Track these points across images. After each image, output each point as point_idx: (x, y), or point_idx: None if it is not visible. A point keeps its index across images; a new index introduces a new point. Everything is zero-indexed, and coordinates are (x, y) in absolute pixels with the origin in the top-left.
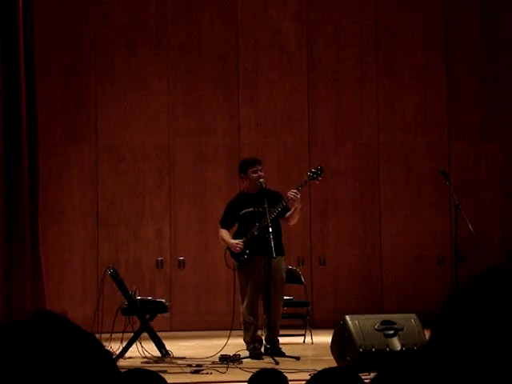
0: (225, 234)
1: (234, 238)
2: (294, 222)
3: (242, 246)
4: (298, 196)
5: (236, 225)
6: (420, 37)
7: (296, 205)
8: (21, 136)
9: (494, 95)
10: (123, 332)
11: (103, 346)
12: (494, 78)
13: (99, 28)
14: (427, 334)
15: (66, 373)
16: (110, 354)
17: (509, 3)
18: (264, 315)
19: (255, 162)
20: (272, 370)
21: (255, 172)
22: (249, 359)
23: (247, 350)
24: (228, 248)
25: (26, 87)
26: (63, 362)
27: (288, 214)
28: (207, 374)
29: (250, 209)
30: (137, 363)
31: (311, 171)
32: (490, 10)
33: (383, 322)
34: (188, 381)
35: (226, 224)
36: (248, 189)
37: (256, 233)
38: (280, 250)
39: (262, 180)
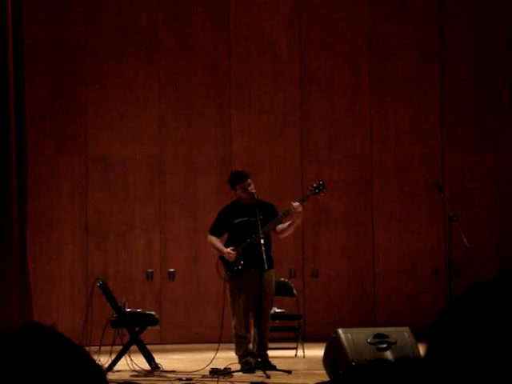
0: (216, 241)
1: (226, 246)
2: (286, 235)
3: (235, 256)
4: (301, 209)
5: (226, 234)
6: (414, 47)
7: (295, 219)
8: (9, 145)
9: (488, 106)
10: (112, 345)
11: (93, 360)
12: (488, 89)
13: (89, 37)
14: (421, 347)
15: None
16: (99, 367)
17: (502, 14)
18: (254, 328)
19: (244, 178)
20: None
21: (244, 189)
22: (239, 373)
23: (239, 363)
24: (220, 257)
25: (14, 96)
26: (53, 375)
27: (282, 226)
28: None
29: (245, 218)
30: (126, 376)
31: (313, 186)
32: (483, 21)
33: (376, 336)
34: None
35: (216, 232)
36: (240, 199)
37: (250, 243)
38: (270, 263)
39: (254, 191)
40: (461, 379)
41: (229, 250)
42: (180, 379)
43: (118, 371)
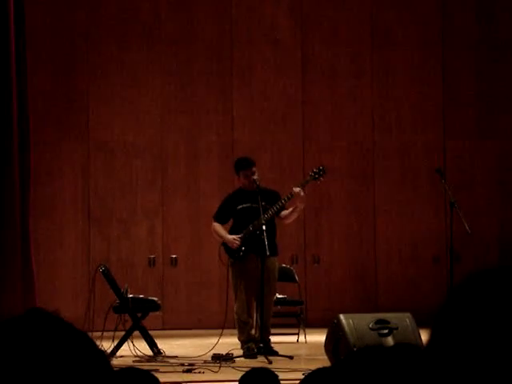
0: (219, 228)
1: (230, 233)
2: (290, 220)
3: (239, 242)
4: (302, 194)
5: (231, 221)
6: (416, 34)
7: (298, 203)
8: (12, 132)
9: (490, 93)
10: (115, 330)
11: (96, 345)
12: (490, 76)
13: (91, 23)
14: (422, 333)
15: (60, 371)
16: (103, 353)
17: (505, 1)
18: (256, 314)
19: (248, 166)
20: (263, 368)
21: (247, 176)
22: (241, 358)
23: (242, 349)
24: (223, 244)
25: (17, 82)
26: (57, 360)
27: (285, 212)
28: (199, 373)
29: (248, 204)
30: (128, 362)
31: (313, 171)
32: (486, 8)
33: (377, 321)
34: (180, 380)
35: (220, 218)
36: (244, 186)
37: (253, 230)
38: (274, 250)
39: (256, 177)
40: (464, 367)
41: (233, 236)
42: (182, 364)
43: (121, 357)
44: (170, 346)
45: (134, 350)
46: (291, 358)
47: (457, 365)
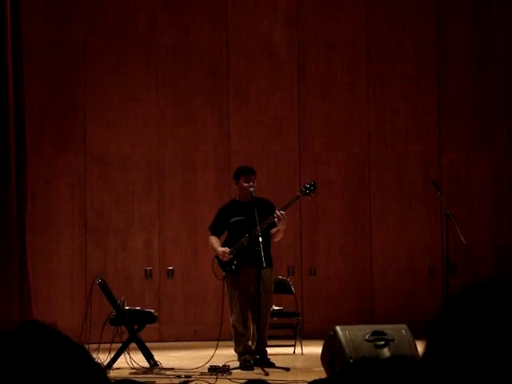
0: (214, 241)
1: (224, 246)
2: (276, 239)
3: (229, 256)
4: (285, 217)
5: (226, 232)
6: (411, 47)
7: (280, 226)
8: (9, 144)
9: (485, 105)
10: (111, 342)
11: (93, 358)
12: (485, 89)
13: (88, 36)
14: (418, 344)
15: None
16: (99, 366)
17: (500, 13)
18: (253, 326)
19: (249, 172)
20: (260, 381)
21: (247, 181)
22: (238, 370)
23: (238, 360)
24: (216, 257)
25: (14, 95)
26: (54, 373)
27: (273, 230)
28: None
29: (241, 217)
30: (125, 374)
31: (304, 186)
32: (481, 21)
33: (374, 333)
34: None
35: (215, 230)
36: (239, 197)
37: (245, 243)
38: (269, 262)
39: (252, 189)
40: (460, 378)
41: (223, 249)
42: (179, 376)
43: (117, 369)
44: (167, 357)
45: (130, 361)
46: (288, 369)
47: (452, 377)
